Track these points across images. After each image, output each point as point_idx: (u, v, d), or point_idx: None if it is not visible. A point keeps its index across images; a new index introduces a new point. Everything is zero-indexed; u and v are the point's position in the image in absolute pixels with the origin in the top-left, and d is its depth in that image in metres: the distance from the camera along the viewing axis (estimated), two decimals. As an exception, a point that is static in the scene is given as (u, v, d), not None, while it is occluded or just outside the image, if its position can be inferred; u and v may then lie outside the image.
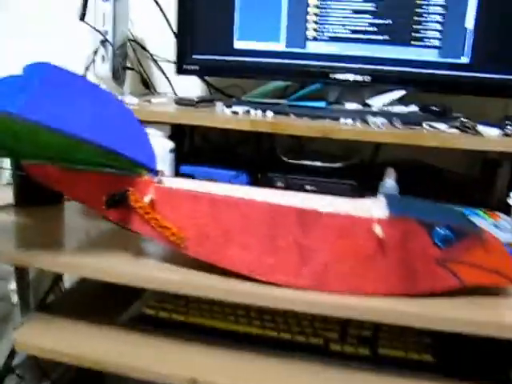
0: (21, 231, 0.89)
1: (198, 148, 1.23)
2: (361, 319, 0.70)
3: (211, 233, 0.72)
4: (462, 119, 0.95)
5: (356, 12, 0.99)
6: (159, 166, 1.00)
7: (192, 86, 1.25)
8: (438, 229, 0.67)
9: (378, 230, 0.66)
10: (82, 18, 1.04)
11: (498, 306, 0.70)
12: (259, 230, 0.70)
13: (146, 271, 0.75)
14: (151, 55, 1.28)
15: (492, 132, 0.93)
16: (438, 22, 0.97)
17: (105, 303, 0.95)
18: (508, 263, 0.69)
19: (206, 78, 1.25)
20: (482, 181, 1.12)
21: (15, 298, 1.22)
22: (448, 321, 0.67)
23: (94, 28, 1.05)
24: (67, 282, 1.16)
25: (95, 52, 1.07)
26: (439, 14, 0.96)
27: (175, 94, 1.26)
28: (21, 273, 0.97)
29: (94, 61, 1.08)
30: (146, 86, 1.27)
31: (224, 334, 0.85)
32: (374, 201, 0.73)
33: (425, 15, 0.97)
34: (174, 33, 1.14)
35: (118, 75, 1.10)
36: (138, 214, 0.73)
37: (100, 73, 1.09)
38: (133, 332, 0.86)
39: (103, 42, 1.06)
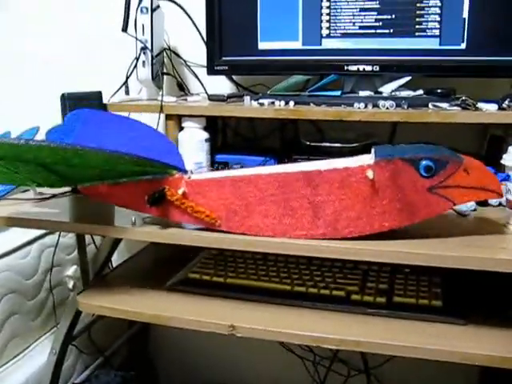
0: (83, 210, 1.03)
1: (229, 142, 1.37)
2: (373, 260, 0.82)
3: (236, 208, 0.86)
4: (463, 98, 1.07)
5: (362, 10, 1.12)
6: (197, 155, 1.15)
7: (221, 87, 1.39)
8: (422, 162, 0.79)
9: (370, 173, 0.79)
10: (125, 29, 1.19)
11: (493, 246, 0.82)
12: (274, 198, 0.85)
13: (194, 233, 0.89)
14: (185, 61, 1.43)
15: (490, 107, 1.05)
16: (436, 13, 1.09)
17: (153, 274, 1.10)
18: (491, 179, 0.82)
19: (234, 78, 1.38)
20: (490, 157, 1.22)
21: (71, 284, 1.38)
22: (452, 258, 0.78)
23: (136, 38, 1.21)
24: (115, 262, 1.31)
25: (137, 59, 1.22)
26: (437, 7, 1.08)
27: (207, 94, 1.41)
28: (81, 247, 1.12)
29: (136, 66, 1.23)
30: (181, 88, 1.41)
31: (258, 291, 0.98)
32: (368, 155, 0.85)
33: (425, 8, 1.09)
34: (204, 40, 1.28)
35: (157, 79, 1.24)
36: (176, 205, 0.88)
37: (142, 77, 1.24)
38: (179, 292, 1.00)
39: (143, 50, 1.21)
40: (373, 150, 0.83)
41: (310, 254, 0.84)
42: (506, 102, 1.05)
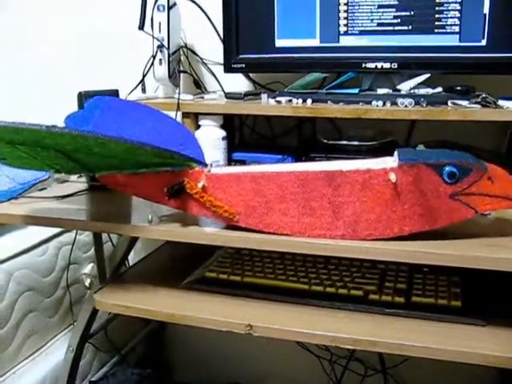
0: (100, 208, 1.04)
1: (247, 139, 1.37)
2: (392, 260, 0.81)
3: (256, 205, 0.85)
4: (484, 95, 1.05)
5: (381, 6, 1.11)
6: (214, 153, 1.15)
7: (238, 85, 1.39)
8: (445, 167, 0.78)
9: (392, 176, 0.78)
10: (142, 27, 1.19)
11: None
12: (294, 196, 0.84)
13: (212, 232, 0.88)
14: (201, 59, 1.43)
15: (511, 105, 1.03)
16: (456, 9, 1.07)
17: (169, 272, 1.10)
18: None
19: (251, 75, 1.38)
20: (510, 155, 1.21)
21: (88, 282, 1.38)
22: (473, 259, 0.77)
23: (152, 36, 1.20)
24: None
25: (154, 57, 1.22)
26: (457, 3, 1.07)
27: (224, 92, 1.40)
28: (98, 245, 1.12)
29: (153, 64, 1.23)
30: (198, 86, 1.41)
31: (275, 290, 0.97)
32: (390, 158, 0.84)
33: (444, 4, 1.08)
34: (221, 38, 1.27)
35: (173, 77, 1.24)
36: (195, 199, 0.87)
37: (158, 75, 1.24)
38: (196, 291, 1.00)
39: (160, 48, 1.21)
40: (396, 153, 0.82)
41: (328, 253, 0.83)
42: (528, 100, 1.04)
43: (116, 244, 1.23)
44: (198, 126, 1.16)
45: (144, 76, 1.27)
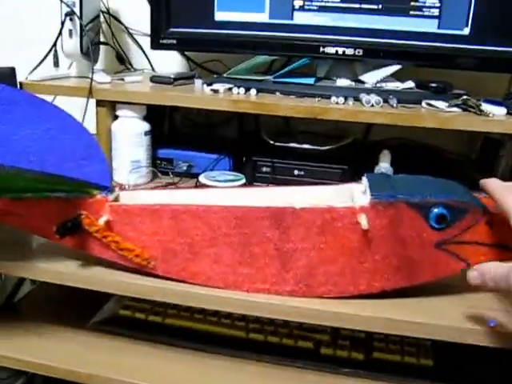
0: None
1: (177, 129, 1.14)
2: (352, 328, 0.62)
3: (177, 248, 0.64)
4: (465, 97, 0.86)
5: (347, -22, 0.90)
6: (134, 151, 0.93)
7: (171, 62, 1.16)
8: (433, 209, 0.59)
9: (363, 219, 0.58)
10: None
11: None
12: (230, 239, 0.63)
13: (108, 276, 0.67)
14: (127, 28, 1.18)
15: (498, 111, 0.84)
16: (437, -11, 0.88)
17: (74, 307, 0.88)
18: None
19: (186, 52, 1.15)
20: (482, 162, 1.04)
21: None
22: (446, 329, 0.60)
23: (61, 0, 0.96)
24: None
25: (62, 26, 0.97)
26: (439, -19, 0.87)
27: (153, 69, 1.17)
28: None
29: (61, 36, 0.98)
30: (122, 61, 1.17)
31: (204, 337, 0.78)
32: (356, 185, 0.66)
33: (423, -19, 0.88)
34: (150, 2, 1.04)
35: (87, 51, 1.00)
36: (96, 238, 0.65)
37: (68, 49, 0.99)
38: (105, 334, 0.79)
39: (70, 15, 0.96)
40: (365, 183, 0.63)
41: (272, 316, 0.63)
42: (517, 105, 0.85)
43: (4, 277, 0.99)
44: (116, 117, 0.94)
45: (50, 50, 1.01)
